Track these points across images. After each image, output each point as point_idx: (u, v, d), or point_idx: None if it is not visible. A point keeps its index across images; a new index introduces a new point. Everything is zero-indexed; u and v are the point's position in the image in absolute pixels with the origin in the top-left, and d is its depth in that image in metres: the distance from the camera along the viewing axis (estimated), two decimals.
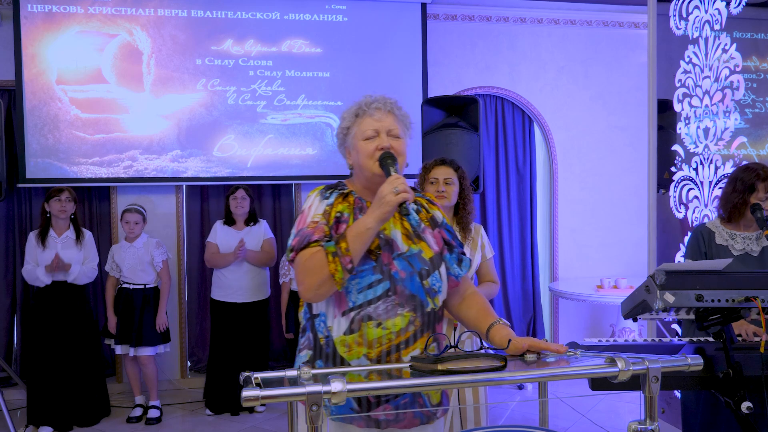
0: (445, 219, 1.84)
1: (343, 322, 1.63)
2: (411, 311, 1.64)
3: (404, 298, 1.63)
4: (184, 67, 4.99)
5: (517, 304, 5.80)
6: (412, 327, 1.63)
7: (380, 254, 1.65)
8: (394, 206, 1.56)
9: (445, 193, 2.80)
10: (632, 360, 1.31)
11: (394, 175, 1.60)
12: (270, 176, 5.13)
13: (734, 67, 3.33)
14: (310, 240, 1.63)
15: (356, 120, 1.74)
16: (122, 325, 4.31)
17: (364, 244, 1.58)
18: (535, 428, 1.46)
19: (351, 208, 1.70)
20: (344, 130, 1.77)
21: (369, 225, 1.57)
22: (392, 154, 1.66)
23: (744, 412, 1.77)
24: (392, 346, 1.62)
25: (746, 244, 2.69)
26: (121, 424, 4.29)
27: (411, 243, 1.69)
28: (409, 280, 1.65)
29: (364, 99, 1.77)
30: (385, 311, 1.62)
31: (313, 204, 1.72)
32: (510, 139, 5.77)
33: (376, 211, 1.57)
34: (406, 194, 1.55)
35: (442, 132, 4.71)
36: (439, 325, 1.73)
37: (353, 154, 1.75)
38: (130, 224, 4.37)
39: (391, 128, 1.72)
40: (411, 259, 1.67)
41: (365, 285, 1.62)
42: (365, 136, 1.70)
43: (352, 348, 1.62)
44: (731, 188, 2.69)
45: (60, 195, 4.09)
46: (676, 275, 1.80)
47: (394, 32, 5.29)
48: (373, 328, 1.61)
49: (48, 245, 4.08)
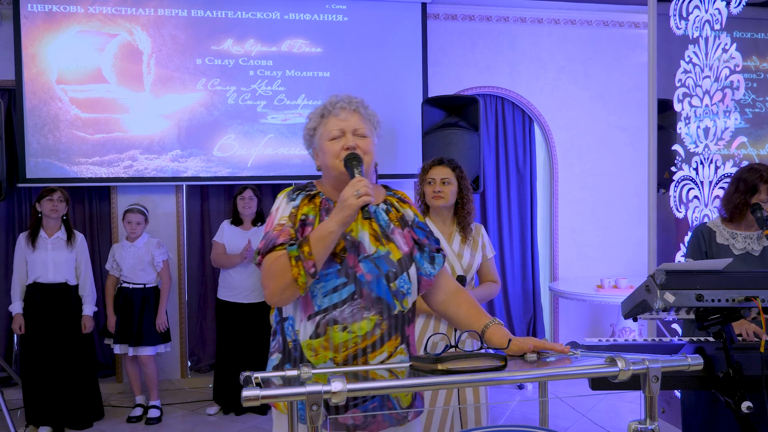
0: (418, 217, 1.81)
1: (309, 325, 1.62)
2: (377, 314, 1.62)
3: (370, 301, 1.62)
4: (184, 67, 4.99)
5: (518, 303, 5.80)
6: (379, 330, 1.62)
7: (345, 257, 1.63)
8: (356, 210, 1.53)
9: (442, 193, 2.80)
10: (632, 360, 1.31)
11: (357, 177, 1.58)
12: (270, 176, 5.13)
13: (734, 67, 3.33)
14: (275, 243, 1.61)
15: (322, 120, 1.73)
16: (122, 324, 4.31)
17: (326, 248, 1.56)
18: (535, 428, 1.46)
19: (317, 210, 1.68)
20: (310, 131, 1.76)
21: (331, 229, 1.55)
22: (357, 155, 1.64)
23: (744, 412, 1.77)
24: (358, 350, 1.60)
25: (747, 244, 2.69)
26: (121, 423, 4.29)
27: (379, 244, 1.67)
28: (376, 282, 1.63)
29: (330, 99, 1.75)
30: (351, 315, 1.60)
31: (280, 206, 1.71)
32: (510, 138, 5.77)
33: (338, 215, 1.55)
34: (368, 197, 1.53)
35: (443, 132, 4.72)
36: (408, 327, 1.71)
37: (320, 155, 1.73)
38: (132, 224, 4.37)
39: (357, 127, 1.70)
40: (378, 261, 1.65)
41: (330, 288, 1.61)
42: (331, 136, 1.69)
43: (318, 352, 1.61)
44: (734, 188, 2.69)
45: (52, 195, 4.04)
46: (676, 275, 1.80)
47: (394, 32, 5.29)
48: (338, 332, 1.60)
49: (38, 246, 4.02)
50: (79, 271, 4.15)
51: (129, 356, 4.36)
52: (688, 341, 2.31)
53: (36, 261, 4.01)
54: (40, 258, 4.02)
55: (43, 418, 4.03)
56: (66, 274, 4.08)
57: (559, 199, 5.82)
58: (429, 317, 2.71)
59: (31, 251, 4.02)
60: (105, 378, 4.98)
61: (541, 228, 5.90)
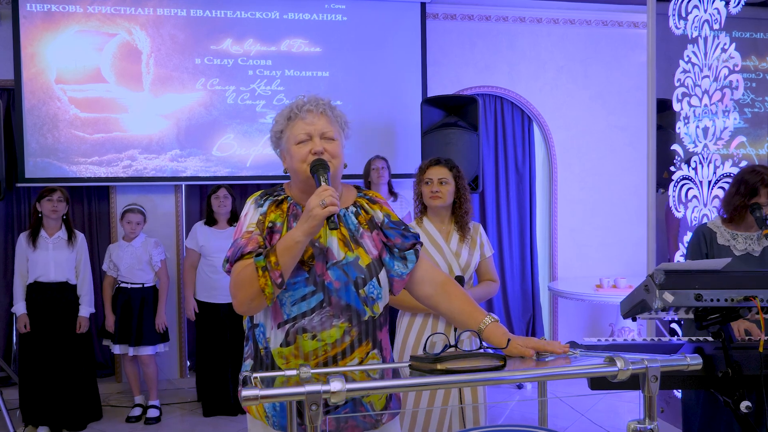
0: (390, 216, 1.76)
1: (279, 334, 1.61)
2: (346, 322, 1.61)
3: (339, 309, 1.61)
4: (183, 67, 4.99)
5: (517, 303, 5.80)
6: (348, 338, 1.61)
7: (313, 265, 1.61)
8: (321, 220, 1.50)
9: (439, 193, 2.79)
10: (631, 359, 1.31)
11: (323, 186, 1.54)
12: (269, 176, 5.12)
13: (733, 67, 3.33)
14: (243, 252, 1.59)
15: (288, 123, 1.69)
16: (121, 324, 4.31)
17: (293, 258, 1.53)
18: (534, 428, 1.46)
19: (284, 216, 1.66)
20: (277, 134, 1.72)
21: (297, 239, 1.52)
22: (324, 161, 1.60)
23: (743, 412, 1.77)
24: (328, 357, 1.60)
25: (748, 245, 2.68)
26: (120, 423, 4.28)
27: (348, 250, 1.65)
28: (344, 290, 1.62)
29: (296, 101, 1.72)
30: (320, 323, 1.59)
31: (248, 212, 1.68)
32: (509, 138, 5.77)
33: (304, 225, 1.52)
34: (334, 207, 1.49)
35: (442, 131, 4.72)
36: (380, 332, 1.69)
37: (287, 159, 1.70)
38: (132, 224, 4.37)
39: (324, 130, 1.66)
40: (346, 267, 1.63)
41: (299, 297, 1.60)
42: (297, 140, 1.65)
43: (289, 360, 1.60)
44: (735, 190, 2.68)
45: (52, 195, 4.05)
46: (675, 275, 1.80)
47: (393, 32, 5.28)
48: (308, 341, 1.59)
49: (39, 246, 4.03)
50: (79, 270, 4.15)
51: (128, 356, 4.36)
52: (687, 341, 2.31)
53: (37, 260, 4.03)
54: (42, 257, 4.03)
55: (41, 419, 4.03)
56: (67, 273, 4.09)
57: (559, 199, 5.82)
58: (427, 316, 2.71)
59: (32, 251, 4.03)
60: (104, 378, 4.97)
61: (541, 228, 5.90)
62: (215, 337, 4.40)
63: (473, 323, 1.66)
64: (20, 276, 4.07)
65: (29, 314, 4.04)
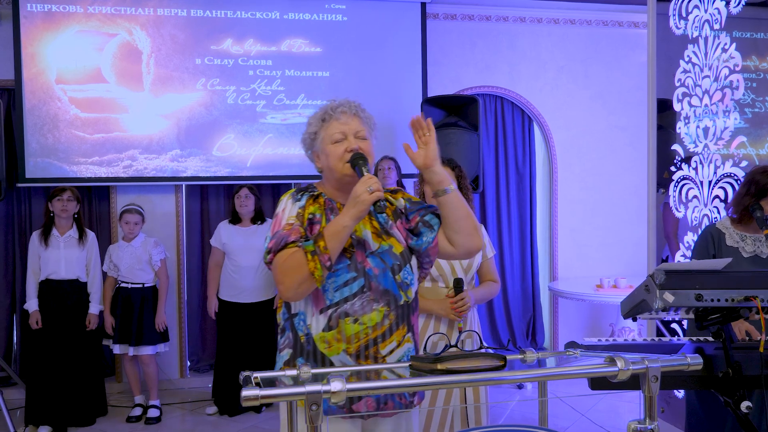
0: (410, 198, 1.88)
1: (322, 319, 1.70)
2: (385, 306, 1.71)
3: (378, 293, 1.71)
4: (183, 67, 4.99)
5: (517, 303, 5.80)
6: (387, 321, 1.71)
7: (354, 252, 1.72)
8: (369, 205, 1.62)
9: None
10: (632, 359, 1.31)
11: (367, 175, 1.66)
12: (269, 176, 5.13)
13: (734, 67, 3.33)
14: (287, 241, 1.70)
15: (323, 124, 1.80)
16: (121, 324, 4.31)
17: (340, 242, 1.65)
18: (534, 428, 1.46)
19: (322, 209, 1.77)
20: (311, 135, 1.83)
21: (345, 223, 1.64)
22: (362, 154, 1.72)
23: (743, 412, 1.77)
24: (369, 340, 1.69)
25: (757, 247, 2.65)
26: (120, 423, 4.29)
27: (381, 240, 1.77)
28: (383, 276, 1.72)
29: (329, 104, 1.82)
30: (361, 307, 1.69)
31: (286, 207, 1.78)
32: (510, 138, 5.77)
33: (352, 210, 1.63)
34: (380, 192, 1.62)
35: (442, 131, 4.71)
36: (413, 317, 1.80)
37: (322, 158, 1.80)
38: (130, 225, 4.38)
39: (357, 130, 1.78)
40: (383, 255, 1.75)
41: (341, 283, 1.70)
42: (333, 140, 1.76)
43: (331, 344, 1.69)
44: (745, 190, 2.64)
45: (62, 195, 4.13)
46: (675, 275, 1.80)
47: (393, 32, 5.28)
48: (350, 324, 1.68)
49: (50, 244, 4.12)
50: (89, 268, 4.22)
51: (128, 356, 4.36)
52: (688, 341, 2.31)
53: (49, 258, 4.10)
54: (53, 255, 4.10)
55: (44, 418, 4.05)
56: (77, 271, 4.17)
57: (559, 199, 5.82)
58: (429, 317, 2.71)
59: (44, 249, 4.12)
60: (105, 378, 4.97)
61: (541, 228, 5.90)
62: (237, 337, 4.39)
63: None
64: (33, 273, 4.15)
65: (40, 310, 4.11)
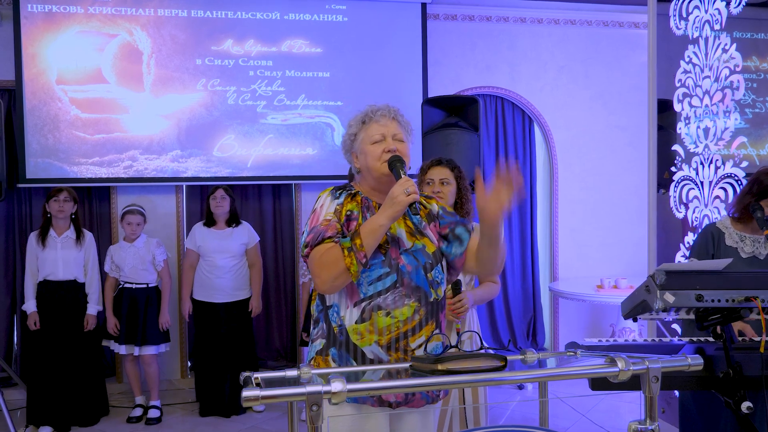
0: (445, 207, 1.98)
1: (355, 312, 1.77)
2: (416, 301, 1.78)
3: (410, 289, 1.78)
4: (184, 67, 4.99)
5: (517, 304, 5.80)
6: (418, 316, 1.78)
7: (389, 249, 1.80)
8: (405, 206, 1.70)
9: (441, 193, 2.80)
10: (632, 360, 1.31)
11: (404, 177, 1.75)
12: (270, 176, 5.13)
13: (734, 67, 3.33)
14: (324, 236, 1.78)
15: (363, 126, 1.89)
16: (127, 324, 4.32)
17: (376, 240, 1.72)
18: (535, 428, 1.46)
19: (359, 207, 1.85)
20: (351, 136, 1.92)
21: (381, 222, 1.72)
22: (400, 157, 1.81)
23: (744, 412, 1.77)
24: (400, 333, 1.76)
25: (755, 248, 2.65)
26: (121, 424, 4.29)
27: (415, 239, 1.84)
28: (415, 273, 1.79)
29: (370, 108, 1.92)
30: (393, 301, 1.76)
31: (324, 203, 1.85)
32: (510, 139, 5.77)
33: (388, 210, 1.72)
34: (416, 195, 1.70)
35: (442, 132, 4.71)
36: (441, 314, 1.87)
37: (361, 158, 1.89)
38: (132, 225, 4.38)
39: (395, 133, 1.87)
40: (416, 253, 1.82)
41: (375, 277, 1.77)
42: (373, 140, 1.85)
43: (364, 336, 1.76)
44: (748, 189, 2.64)
45: (59, 195, 4.11)
46: (676, 275, 1.80)
47: (394, 32, 5.28)
48: (382, 317, 1.75)
49: (48, 245, 4.11)
50: (87, 269, 4.21)
51: (129, 356, 4.37)
52: (688, 341, 2.31)
53: (46, 259, 4.09)
54: (51, 256, 4.09)
55: (46, 418, 4.05)
56: (75, 272, 4.16)
57: (559, 199, 5.82)
58: None
59: (41, 249, 4.10)
60: (105, 378, 4.97)
61: (541, 228, 5.90)
62: (213, 337, 4.40)
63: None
64: (31, 275, 4.15)
65: (39, 311, 4.11)
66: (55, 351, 4.08)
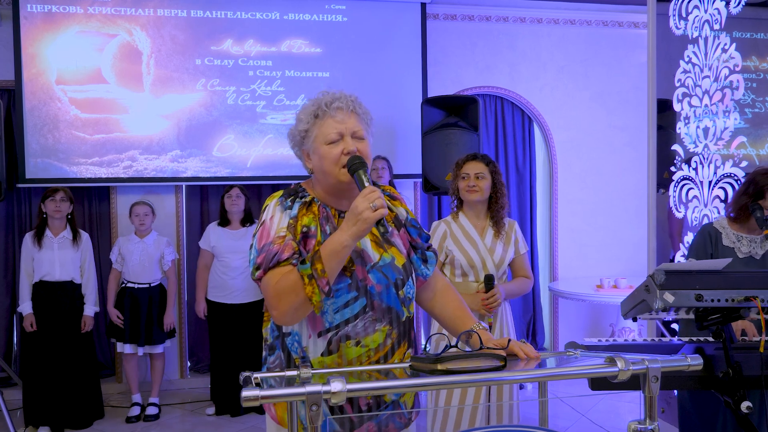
0: (409, 213, 1.75)
1: (320, 342, 1.55)
2: (387, 324, 1.58)
3: (381, 312, 1.57)
4: (183, 67, 4.99)
5: (517, 304, 5.80)
6: (390, 340, 1.58)
7: (354, 269, 1.56)
8: (372, 223, 1.44)
9: (476, 187, 2.82)
10: (632, 360, 1.31)
11: (369, 187, 1.47)
12: (270, 176, 5.13)
13: (734, 67, 3.33)
14: (279, 259, 1.51)
15: (316, 121, 1.60)
16: (130, 325, 4.32)
17: (340, 263, 1.48)
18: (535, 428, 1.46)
19: (317, 220, 1.58)
20: (302, 132, 1.62)
21: (345, 243, 1.46)
22: (361, 159, 1.53)
23: (744, 412, 1.77)
24: (371, 362, 1.56)
25: (752, 248, 2.66)
26: (121, 424, 4.28)
27: (382, 251, 1.61)
28: (386, 292, 1.58)
29: (323, 97, 1.62)
30: (363, 329, 1.55)
31: (274, 215, 1.57)
32: (510, 138, 5.77)
33: (352, 228, 1.45)
34: (384, 210, 1.45)
35: (442, 132, 4.72)
36: (412, 331, 1.69)
37: (314, 159, 1.61)
38: (140, 216, 4.38)
39: (355, 130, 1.58)
40: (385, 269, 1.59)
41: (342, 304, 1.54)
42: (328, 140, 1.57)
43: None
44: (744, 189, 2.66)
45: (55, 195, 4.07)
46: (675, 275, 1.80)
47: (393, 32, 5.28)
48: (352, 348, 1.54)
49: (44, 245, 4.07)
50: (83, 270, 4.19)
51: (128, 355, 4.38)
52: (688, 341, 2.31)
53: (43, 260, 4.06)
54: (47, 257, 4.07)
55: (43, 419, 4.04)
56: (71, 272, 4.13)
57: (559, 199, 5.82)
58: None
59: (37, 250, 4.07)
60: (104, 378, 4.97)
61: (541, 228, 5.90)
62: (228, 337, 4.40)
63: (462, 328, 1.65)
64: (26, 275, 4.12)
65: (35, 312, 4.08)
66: (52, 352, 4.04)
